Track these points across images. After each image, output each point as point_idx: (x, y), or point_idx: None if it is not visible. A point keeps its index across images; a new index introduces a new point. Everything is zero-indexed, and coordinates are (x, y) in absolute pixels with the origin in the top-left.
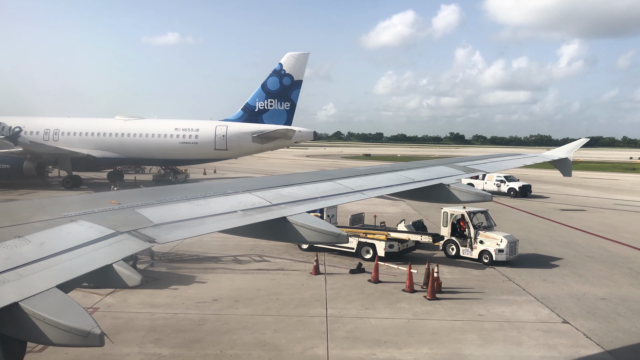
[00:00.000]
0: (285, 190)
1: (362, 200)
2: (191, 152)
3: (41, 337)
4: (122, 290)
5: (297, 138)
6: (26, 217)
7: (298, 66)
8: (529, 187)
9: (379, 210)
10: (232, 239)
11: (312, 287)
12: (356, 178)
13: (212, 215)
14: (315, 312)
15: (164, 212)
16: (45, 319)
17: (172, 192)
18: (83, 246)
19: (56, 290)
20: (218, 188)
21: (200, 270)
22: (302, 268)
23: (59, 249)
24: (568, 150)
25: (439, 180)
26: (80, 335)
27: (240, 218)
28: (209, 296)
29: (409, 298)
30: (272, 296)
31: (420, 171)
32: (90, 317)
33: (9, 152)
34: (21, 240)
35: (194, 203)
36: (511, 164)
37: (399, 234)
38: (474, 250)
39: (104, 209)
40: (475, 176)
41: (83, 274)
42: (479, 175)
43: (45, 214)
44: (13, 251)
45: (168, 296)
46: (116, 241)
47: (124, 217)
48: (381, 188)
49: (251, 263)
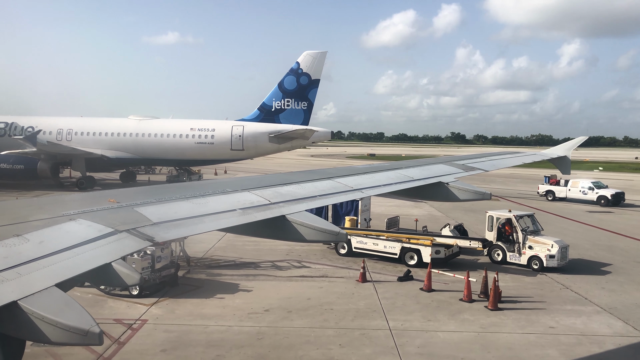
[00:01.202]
0: (284, 189)
1: (383, 202)
2: (207, 153)
3: (40, 335)
4: (167, 300)
5: (314, 138)
6: (25, 215)
7: (315, 65)
8: (622, 194)
9: (402, 212)
10: (264, 243)
11: (364, 296)
12: (355, 176)
13: (211, 213)
14: (376, 324)
15: (163, 210)
16: (44, 317)
17: (171, 190)
18: (82, 245)
19: (55, 289)
20: (217, 187)
21: (242, 278)
22: (346, 275)
23: (57, 248)
24: (567, 149)
25: (438, 179)
26: (79, 334)
27: (240, 217)
28: (259, 306)
29: (469, 308)
30: (325, 306)
31: (419, 169)
32: (90, 316)
33: (23, 152)
34: (20, 239)
35: (193, 202)
36: (510, 162)
37: (445, 239)
38: (523, 256)
39: (103, 207)
40: (555, 181)
41: (82, 272)
42: (559, 181)
43: (44, 212)
44: (12, 250)
45: (216, 306)
46: (115, 240)
47: (122, 216)
48: (380, 186)
49: (292, 269)
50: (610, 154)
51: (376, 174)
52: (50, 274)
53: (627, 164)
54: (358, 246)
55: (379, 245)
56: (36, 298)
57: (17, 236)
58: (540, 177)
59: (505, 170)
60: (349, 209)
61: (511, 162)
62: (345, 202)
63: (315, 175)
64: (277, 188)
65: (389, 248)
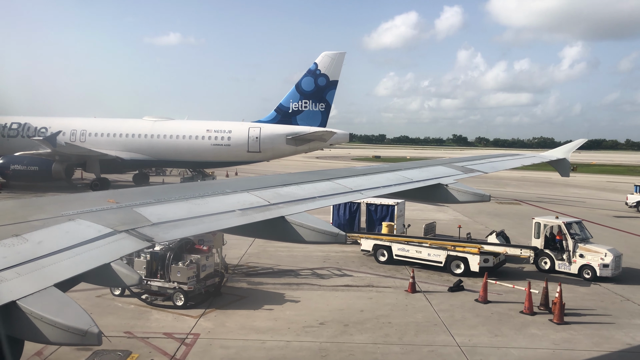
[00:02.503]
0: (283, 190)
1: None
2: (223, 155)
3: (39, 335)
4: (215, 312)
5: (332, 140)
6: (24, 215)
7: (334, 66)
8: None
9: (426, 216)
10: (297, 249)
11: (419, 308)
12: (354, 178)
13: (210, 214)
14: (441, 339)
15: (163, 211)
16: (43, 317)
17: (171, 191)
18: (81, 245)
19: (54, 289)
20: (216, 187)
21: (284, 287)
22: (393, 284)
23: (57, 248)
24: (566, 151)
25: (437, 180)
26: (78, 334)
27: (239, 217)
28: (312, 319)
29: (533, 322)
30: (382, 319)
31: (419, 171)
32: (88, 316)
33: (37, 153)
34: (19, 239)
35: (192, 202)
36: (510, 164)
37: (493, 247)
38: (573, 265)
39: (102, 207)
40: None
41: (81, 272)
42: None
43: (44, 212)
44: (11, 250)
45: (267, 319)
46: (114, 240)
47: (122, 216)
48: (379, 188)
49: (334, 278)
50: (615, 157)
51: (375, 176)
52: (49, 274)
53: (635, 167)
54: (399, 254)
55: (422, 253)
56: (35, 298)
57: (16, 236)
58: (552, 179)
59: (517, 172)
60: (384, 214)
61: (510, 164)
62: (380, 207)
63: (315, 176)
64: (277, 189)
65: (434, 256)
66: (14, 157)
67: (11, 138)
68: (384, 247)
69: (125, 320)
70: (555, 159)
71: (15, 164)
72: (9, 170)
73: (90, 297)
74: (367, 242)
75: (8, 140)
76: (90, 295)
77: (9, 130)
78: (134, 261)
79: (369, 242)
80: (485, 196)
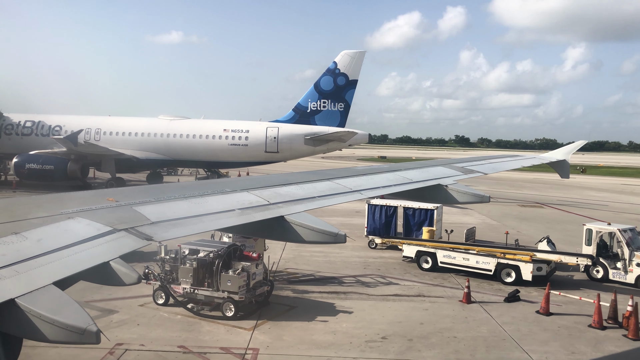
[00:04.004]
0: (283, 190)
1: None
2: (240, 155)
3: (37, 334)
4: (267, 323)
5: (352, 141)
6: (23, 213)
7: (354, 65)
8: None
9: (452, 219)
10: (333, 254)
11: (481, 321)
12: (354, 178)
13: (210, 213)
14: (516, 357)
15: (162, 210)
16: (42, 315)
17: (170, 190)
18: (80, 243)
19: (53, 287)
20: (216, 186)
21: (332, 296)
22: (444, 294)
23: (56, 246)
24: (566, 153)
25: (437, 181)
26: (76, 332)
27: (238, 217)
28: (372, 332)
29: (606, 337)
30: (445, 333)
31: (419, 172)
32: (87, 315)
33: (52, 152)
34: (18, 237)
35: (191, 201)
36: (509, 166)
37: (546, 254)
38: (629, 274)
39: (102, 206)
40: None
41: (80, 271)
42: None
43: (43, 210)
44: (10, 247)
45: (325, 332)
46: (114, 239)
47: (121, 215)
48: (379, 188)
49: (380, 286)
50: (619, 159)
51: (375, 176)
52: (49, 272)
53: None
54: (445, 261)
55: (470, 260)
56: (34, 296)
57: (16, 234)
58: (566, 182)
59: (530, 174)
60: (422, 219)
61: (510, 165)
62: (418, 212)
63: (315, 176)
64: (276, 189)
65: (483, 264)
66: (29, 156)
67: (25, 136)
68: (428, 254)
69: (176, 332)
70: (555, 161)
71: (30, 163)
72: (24, 169)
73: (133, 306)
74: (409, 248)
75: (22, 139)
76: (132, 304)
77: (22, 128)
78: (179, 268)
79: (411, 248)
80: (484, 197)
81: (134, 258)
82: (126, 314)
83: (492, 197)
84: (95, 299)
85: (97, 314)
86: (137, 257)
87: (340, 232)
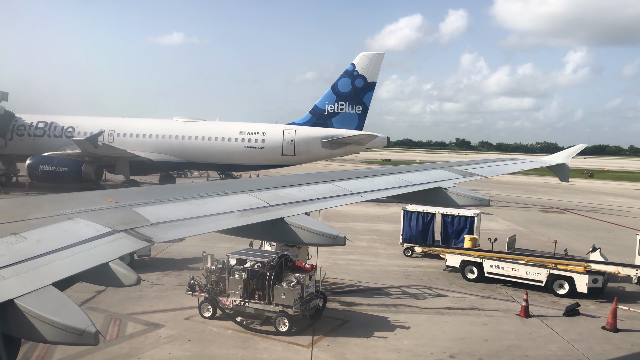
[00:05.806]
0: (282, 192)
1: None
2: (256, 157)
3: (36, 334)
4: (324, 339)
5: (370, 144)
6: (23, 214)
7: (372, 67)
8: None
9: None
10: (370, 262)
11: (547, 337)
12: (354, 180)
13: (209, 215)
14: None
15: (162, 211)
16: (40, 316)
17: (170, 191)
18: (80, 244)
19: (52, 288)
20: (216, 188)
21: (382, 309)
22: (498, 307)
23: (55, 247)
24: (566, 156)
25: (437, 184)
26: (75, 333)
27: (238, 218)
28: (437, 350)
29: None
30: (514, 350)
31: (419, 174)
32: (86, 316)
33: (66, 154)
34: (17, 237)
35: (191, 203)
36: (509, 169)
37: (602, 265)
38: None
39: (101, 207)
40: None
41: (79, 271)
42: None
43: (42, 211)
44: (9, 248)
45: (387, 349)
46: (113, 240)
47: (121, 216)
48: (379, 190)
49: (430, 299)
50: (622, 164)
51: (375, 178)
52: (47, 272)
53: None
54: (492, 271)
55: (519, 270)
56: (33, 297)
57: (15, 234)
58: (579, 186)
59: (542, 178)
60: (462, 227)
61: (510, 168)
62: (457, 219)
63: (314, 178)
64: (276, 190)
65: (533, 275)
66: (42, 158)
67: (37, 137)
68: (473, 264)
69: (232, 349)
70: (555, 164)
71: (44, 165)
72: (38, 171)
73: (178, 319)
74: (453, 257)
75: (34, 140)
76: (177, 317)
77: (35, 129)
78: (227, 279)
79: (455, 257)
80: (484, 200)
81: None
82: (173, 329)
83: (508, 202)
84: (137, 312)
85: (143, 328)
86: (149, 264)
87: (339, 235)
